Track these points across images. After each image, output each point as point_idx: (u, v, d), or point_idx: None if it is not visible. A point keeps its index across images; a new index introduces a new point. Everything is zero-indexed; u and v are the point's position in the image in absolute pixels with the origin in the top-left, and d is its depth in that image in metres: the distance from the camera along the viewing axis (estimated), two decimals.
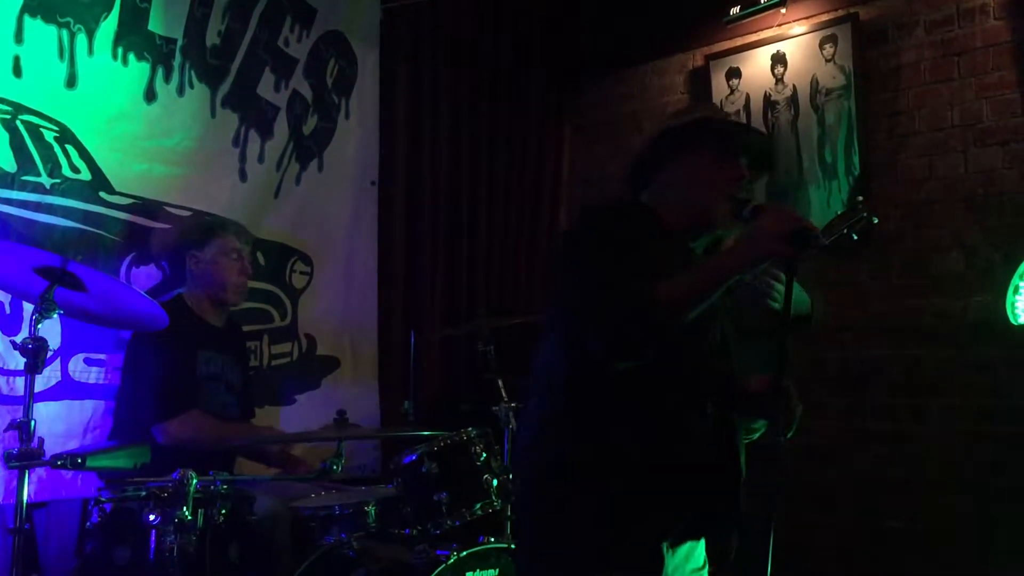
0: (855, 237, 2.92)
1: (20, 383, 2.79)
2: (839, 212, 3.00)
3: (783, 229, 1.70)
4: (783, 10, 4.29)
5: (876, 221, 2.96)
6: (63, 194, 3.17)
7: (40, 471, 2.89)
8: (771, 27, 4.36)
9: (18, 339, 2.37)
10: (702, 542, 1.96)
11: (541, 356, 1.96)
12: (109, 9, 3.29)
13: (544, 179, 5.01)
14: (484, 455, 2.76)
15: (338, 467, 2.65)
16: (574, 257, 1.88)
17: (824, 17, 4.17)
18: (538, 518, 1.88)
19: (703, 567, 1.97)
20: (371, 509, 2.85)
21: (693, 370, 1.87)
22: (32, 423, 2.30)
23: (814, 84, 4.19)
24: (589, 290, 1.77)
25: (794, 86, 4.26)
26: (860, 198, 3.00)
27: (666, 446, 1.80)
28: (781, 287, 2.75)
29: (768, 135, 1.73)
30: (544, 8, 4.96)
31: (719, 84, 4.51)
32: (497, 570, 2.70)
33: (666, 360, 1.76)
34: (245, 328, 3.61)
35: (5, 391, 2.98)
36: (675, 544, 1.85)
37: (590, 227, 1.94)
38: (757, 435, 2.00)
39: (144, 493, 2.42)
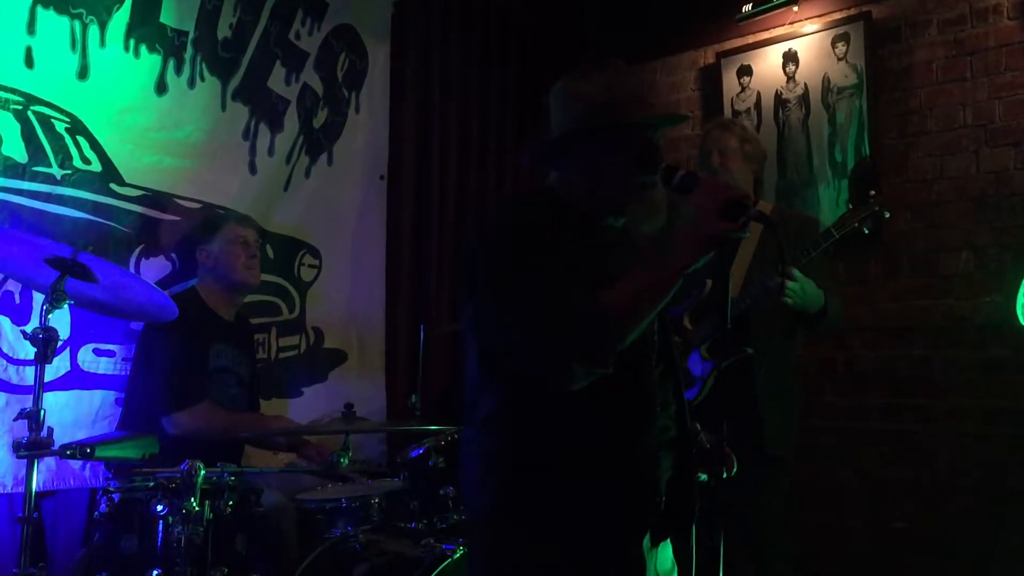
0: (866, 231, 2.90)
1: (30, 373, 2.80)
2: (851, 206, 2.98)
3: (716, 204, 1.60)
4: (795, 8, 4.28)
5: (888, 216, 2.95)
6: (74, 185, 3.18)
7: (49, 460, 2.90)
8: (783, 25, 4.34)
9: (28, 329, 2.38)
10: (668, 545, 1.92)
11: (469, 375, 1.85)
12: (121, 1, 3.30)
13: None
14: None
15: (345, 460, 2.66)
16: (489, 269, 1.74)
17: (836, 15, 4.15)
18: (494, 545, 1.79)
19: (671, 570, 1.94)
20: (377, 502, 2.86)
21: (639, 380, 1.77)
22: (41, 413, 2.31)
23: (826, 82, 4.17)
24: (526, 309, 1.62)
25: (805, 84, 4.24)
26: (872, 192, 2.98)
27: (616, 467, 1.72)
28: (795, 284, 2.76)
29: (656, 116, 1.58)
30: (554, 4, 4.95)
31: (730, 82, 4.50)
32: None
33: (611, 382, 1.65)
34: (253, 321, 3.62)
35: (15, 380, 3.00)
36: (652, 547, 1.82)
37: (508, 231, 1.77)
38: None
39: (152, 484, 2.44)
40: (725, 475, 1.98)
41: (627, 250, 1.89)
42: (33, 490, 2.27)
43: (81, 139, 3.21)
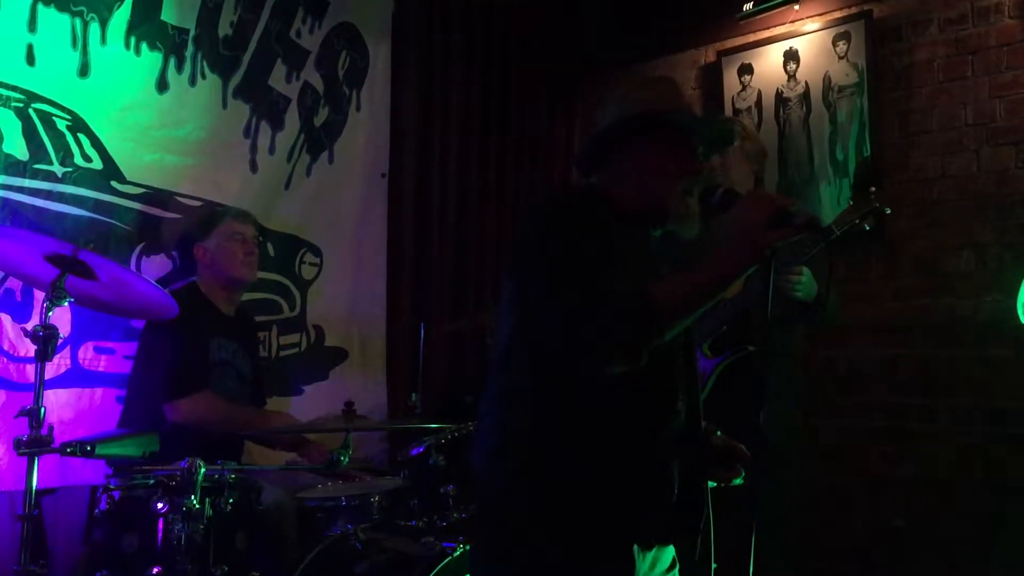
0: (867, 228, 2.90)
1: (30, 370, 2.80)
2: (851, 202, 2.97)
3: (765, 216, 1.64)
4: (796, 7, 4.27)
5: (888, 212, 2.94)
6: (75, 183, 3.18)
7: (49, 458, 2.89)
8: (784, 24, 4.34)
9: (29, 326, 2.38)
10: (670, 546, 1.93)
11: (498, 352, 1.85)
12: None
13: (554, 173, 5.01)
14: None
15: (345, 458, 2.66)
16: (552, 250, 1.74)
17: (838, 14, 4.15)
18: (503, 523, 1.79)
19: (672, 567, 1.93)
20: (377, 500, 2.86)
21: (664, 378, 1.80)
22: (42, 410, 2.31)
23: (826, 81, 4.17)
24: (575, 291, 1.65)
25: (806, 83, 4.24)
26: (873, 188, 2.97)
27: (636, 455, 1.75)
28: (801, 279, 2.76)
29: (726, 117, 1.61)
30: (556, 2, 4.95)
31: (731, 80, 4.49)
32: None
33: (640, 370, 1.67)
34: (255, 319, 3.61)
35: (15, 378, 3.00)
36: (644, 549, 1.81)
37: (565, 215, 1.80)
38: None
39: (152, 481, 2.44)
40: (736, 480, 1.99)
41: (665, 257, 1.94)
42: (33, 488, 2.28)
43: (82, 137, 3.21)
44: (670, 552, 1.92)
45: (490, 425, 1.83)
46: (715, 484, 1.98)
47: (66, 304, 2.43)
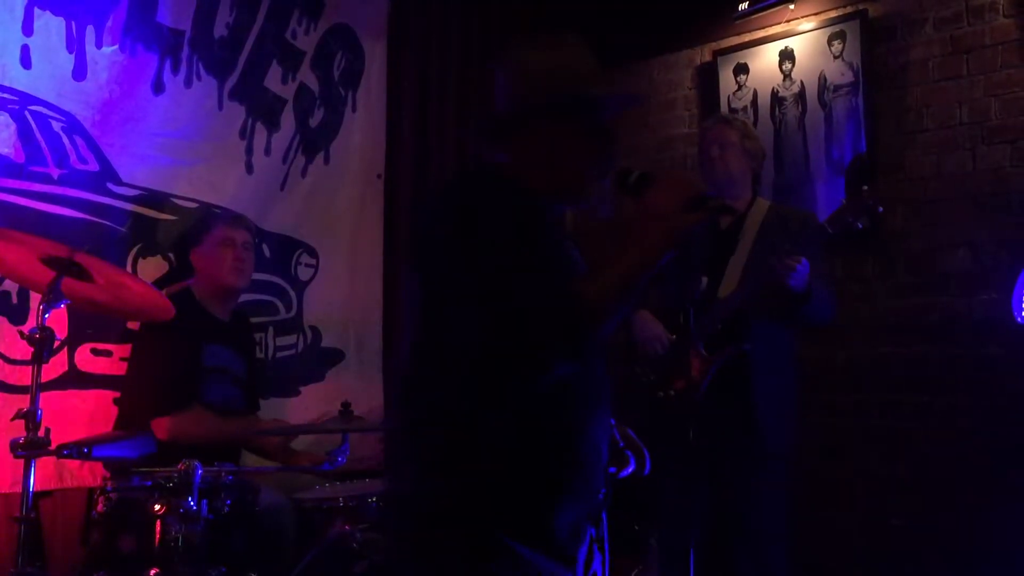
0: (860, 227, 2.90)
1: (27, 372, 2.79)
2: (844, 201, 2.97)
3: (682, 199, 1.59)
4: (792, 6, 4.28)
5: (881, 210, 2.94)
6: (71, 185, 3.18)
7: (46, 460, 2.89)
8: (779, 23, 4.35)
9: (25, 329, 2.38)
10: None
11: (409, 357, 1.75)
12: (117, 0, 3.29)
13: None
14: None
15: (343, 459, 2.66)
16: (467, 254, 1.63)
17: (833, 13, 4.16)
18: (417, 519, 1.68)
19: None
20: (375, 501, 2.85)
21: (596, 368, 1.73)
22: (38, 412, 2.31)
23: (822, 81, 4.18)
24: (506, 297, 1.56)
25: (802, 82, 4.25)
26: (865, 187, 2.98)
27: (575, 447, 1.68)
28: (798, 266, 2.76)
29: (631, 93, 1.52)
30: (551, 2, 4.95)
31: (727, 80, 4.50)
32: None
33: (577, 369, 1.63)
34: (251, 320, 3.61)
35: (12, 380, 2.99)
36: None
37: (473, 215, 1.65)
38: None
39: (150, 483, 2.44)
40: (626, 474, 1.95)
41: (569, 239, 1.87)
42: (30, 490, 2.28)
43: (78, 139, 3.21)
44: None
45: (404, 422, 1.76)
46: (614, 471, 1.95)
47: (62, 306, 2.43)
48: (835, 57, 4.13)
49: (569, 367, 1.62)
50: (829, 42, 4.15)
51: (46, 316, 2.36)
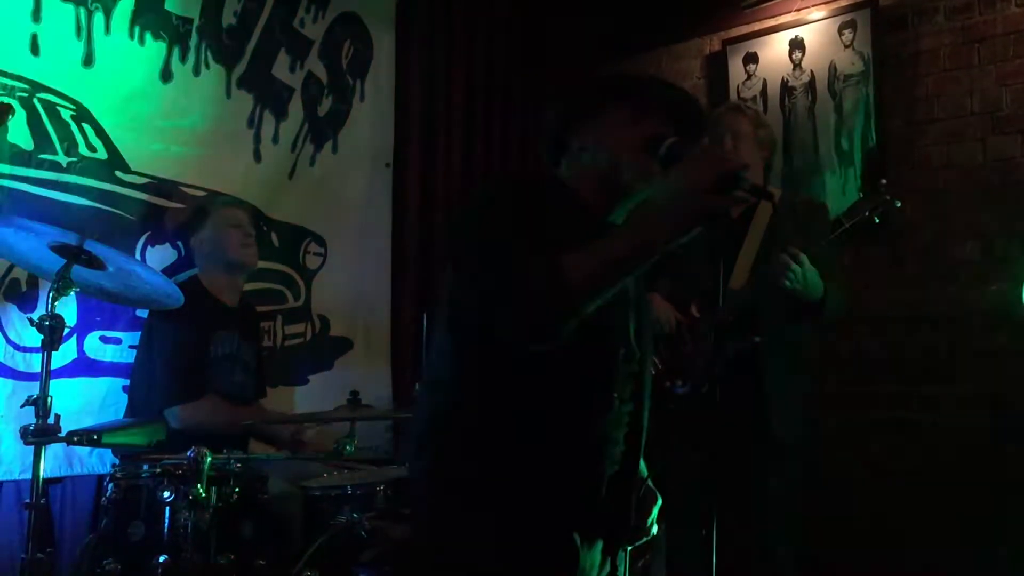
0: (876, 220, 2.89)
1: (37, 360, 2.82)
2: (861, 195, 2.97)
3: (712, 177, 1.44)
4: None
5: (899, 204, 2.93)
6: (80, 173, 3.19)
7: (56, 447, 2.91)
8: (789, 12, 4.32)
9: (35, 316, 2.39)
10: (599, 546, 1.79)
11: (434, 346, 1.78)
12: None
13: None
14: None
15: (351, 447, 2.66)
16: (467, 233, 1.65)
17: (843, 2, 4.13)
18: (439, 512, 1.70)
19: (593, 569, 1.80)
20: (382, 489, 2.87)
21: (599, 363, 1.68)
22: (48, 400, 2.32)
23: (832, 70, 4.15)
24: (485, 269, 1.54)
25: (812, 72, 4.22)
26: (884, 181, 2.97)
27: (564, 441, 1.65)
28: (797, 267, 2.75)
29: (690, 95, 1.48)
30: None
31: (736, 69, 4.48)
32: None
33: (569, 350, 1.54)
34: (259, 309, 3.62)
35: (22, 368, 3.01)
36: (585, 539, 1.72)
37: (487, 201, 1.68)
38: None
39: (159, 470, 2.46)
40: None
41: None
42: (41, 477, 2.29)
43: (87, 127, 3.22)
44: (596, 558, 1.79)
45: (420, 412, 1.79)
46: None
47: (72, 294, 2.44)
48: (845, 46, 4.11)
49: (547, 345, 1.53)
50: (840, 31, 4.13)
51: (56, 304, 2.37)
